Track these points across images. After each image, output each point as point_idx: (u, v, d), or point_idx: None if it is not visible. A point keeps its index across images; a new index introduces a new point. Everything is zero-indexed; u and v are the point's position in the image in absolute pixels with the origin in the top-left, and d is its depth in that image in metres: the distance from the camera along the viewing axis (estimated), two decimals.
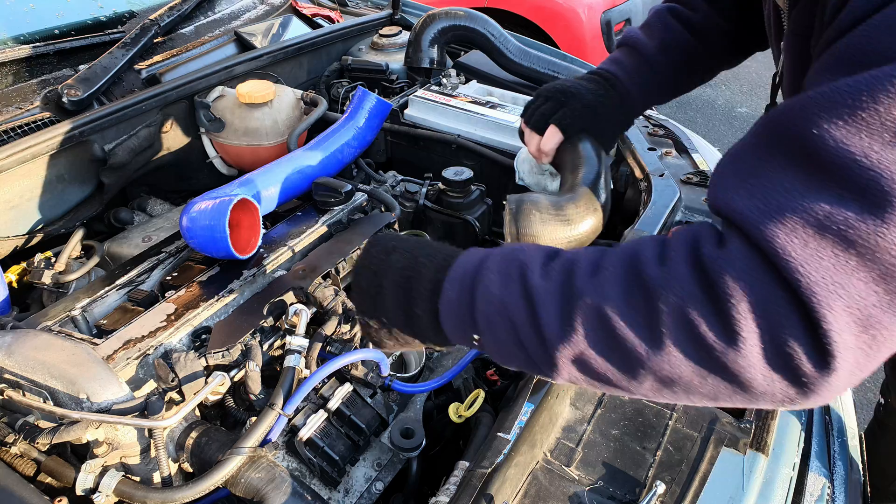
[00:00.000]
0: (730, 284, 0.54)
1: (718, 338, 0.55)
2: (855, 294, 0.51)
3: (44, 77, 1.48)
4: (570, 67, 1.81)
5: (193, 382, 0.92)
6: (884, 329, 0.52)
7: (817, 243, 0.51)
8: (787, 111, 0.56)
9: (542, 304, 0.62)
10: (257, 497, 0.83)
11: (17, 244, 1.32)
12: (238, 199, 1.10)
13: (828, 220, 0.51)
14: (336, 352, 1.06)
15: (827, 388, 0.54)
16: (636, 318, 0.58)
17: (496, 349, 0.68)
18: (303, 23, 2.06)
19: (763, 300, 0.53)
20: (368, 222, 1.30)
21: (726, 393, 0.58)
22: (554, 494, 0.86)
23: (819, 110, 0.52)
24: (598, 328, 0.60)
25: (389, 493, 1.03)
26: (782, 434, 0.98)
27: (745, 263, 0.54)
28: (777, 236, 0.52)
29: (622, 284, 0.60)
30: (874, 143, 0.49)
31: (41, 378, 0.86)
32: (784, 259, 0.52)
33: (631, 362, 0.59)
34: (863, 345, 0.52)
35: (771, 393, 0.55)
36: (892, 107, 0.49)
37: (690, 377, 0.58)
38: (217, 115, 1.60)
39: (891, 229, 0.49)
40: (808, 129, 0.53)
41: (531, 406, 0.95)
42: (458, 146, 1.61)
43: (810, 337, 0.52)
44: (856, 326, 0.51)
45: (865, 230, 0.49)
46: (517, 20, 3.93)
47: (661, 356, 0.57)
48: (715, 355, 0.55)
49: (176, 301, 1.05)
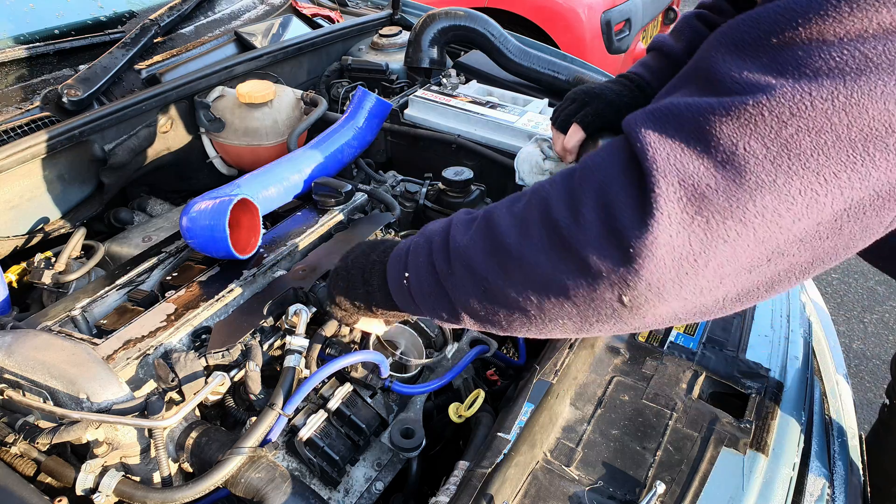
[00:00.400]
0: (588, 174, 0.62)
1: (563, 219, 0.61)
2: (692, 172, 0.54)
3: (44, 77, 1.48)
4: (570, 67, 1.81)
5: (193, 382, 0.92)
6: (717, 215, 0.54)
7: (673, 129, 0.56)
8: (702, 47, 0.62)
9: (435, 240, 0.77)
10: (257, 497, 0.83)
11: (17, 244, 1.32)
12: (238, 199, 1.10)
13: (687, 110, 0.56)
14: (336, 353, 1.06)
15: (648, 262, 0.56)
16: (511, 220, 0.68)
17: (417, 286, 0.79)
18: (303, 23, 2.06)
19: (609, 178, 0.59)
20: (368, 222, 1.29)
21: (571, 281, 0.62)
22: (554, 494, 0.86)
23: (716, 40, 0.59)
24: (485, 235, 0.70)
25: (389, 493, 1.03)
26: (782, 434, 0.98)
27: (608, 154, 0.62)
28: (638, 125, 0.58)
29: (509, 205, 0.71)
30: (750, 65, 0.54)
31: (41, 378, 0.86)
32: (638, 139, 0.57)
33: (501, 256, 0.67)
34: (693, 224, 0.55)
35: (603, 274, 0.59)
36: (772, 34, 0.53)
37: (546, 267, 0.63)
38: (217, 115, 1.60)
39: (738, 127, 0.52)
40: (707, 56, 0.59)
41: (531, 406, 0.95)
42: (458, 146, 1.61)
43: (640, 200, 0.56)
44: (686, 201, 0.54)
45: (720, 121, 0.53)
46: (517, 20, 3.93)
47: (526, 244, 0.65)
48: (562, 234, 0.61)
49: (176, 301, 1.05)
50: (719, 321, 1.21)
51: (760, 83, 0.53)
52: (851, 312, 3.07)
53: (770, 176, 0.52)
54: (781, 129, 0.51)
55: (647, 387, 1.04)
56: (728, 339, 1.16)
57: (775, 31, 0.53)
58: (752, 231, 0.54)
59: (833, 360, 1.37)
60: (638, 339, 1.15)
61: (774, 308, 1.27)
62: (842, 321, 3.01)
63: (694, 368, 1.08)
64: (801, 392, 1.08)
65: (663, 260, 0.56)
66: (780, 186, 0.52)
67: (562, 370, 1.01)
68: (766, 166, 0.52)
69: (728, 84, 0.55)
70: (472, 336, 1.22)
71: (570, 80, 1.79)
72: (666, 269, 0.56)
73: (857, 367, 2.76)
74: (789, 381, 1.08)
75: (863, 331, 2.96)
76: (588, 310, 0.63)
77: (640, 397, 1.02)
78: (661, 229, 0.55)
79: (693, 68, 0.62)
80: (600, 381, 1.05)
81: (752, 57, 0.55)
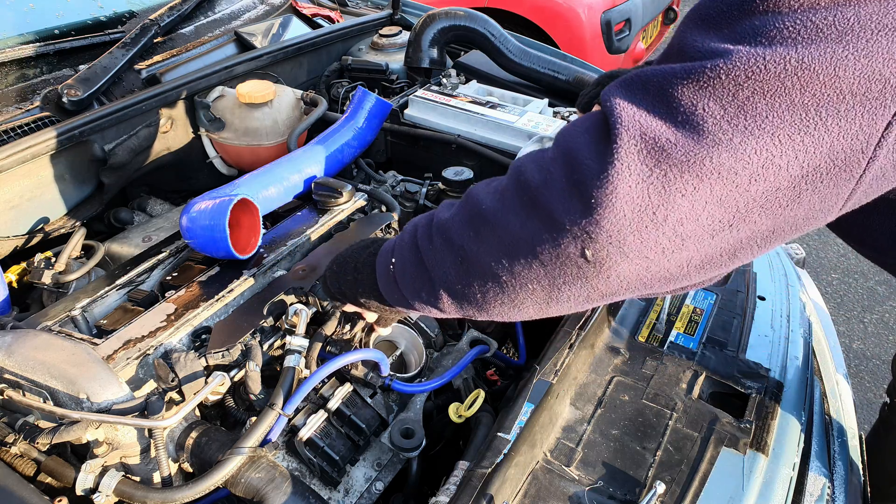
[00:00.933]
0: (559, 138, 0.66)
1: (533, 179, 0.64)
2: (653, 128, 0.57)
3: (44, 77, 1.48)
4: (570, 67, 1.81)
5: (193, 382, 0.92)
6: (674, 168, 0.56)
7: (641, 93, 0.59)
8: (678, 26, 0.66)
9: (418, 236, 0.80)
10: (257, 497, 0.83)
11: (17, 244, 1.32)
12: (238, 199, 1.10)
13: (653, 76, 0.59)
14: (336, 352, 1.06)
15: (608, 212, 0.58)
16: (488, 189, 0.72)
17: (401, 268, 0.82)
18: (303, 23, 2.06)
19: (577, 137, 0.62)
20: (368, 222, 1.29)
21: (538, 238, 0.64)
22: (554, 494, 0.86)
23: (686, 20, 0.63)
24: (464, 205, 0.74)
25: (389, 493, 1.03)
26: (782, 434, 0.98)
27: (581, 120, 0.65)
28: (611, 91, 0.62)
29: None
30: (714, 36, 0.58)
31: (41, 378, 0.86)
32: (608, 101, 0.61)
33: (476, 222, 0.70)
34: (651, 176, 0.57)
35: (566, 227, 0.61)
36: (734, 7, 0.57)
37: (516, 226, 0.66)
38: (217, 115, 1.60)
39: (694, 85, 0.55)
40: (681, 30, 0.63)
41: (531, 406, 0.95)
42: (458, 146, 1.61)
43: (602, 152, 0.59)
44: (646, 154, 0.57)
45: (677, 84, 0.57)
46: (517, 20, 3.93)
47: (500, 207, 0.68)
48: (531, 193, 0.64)
49: (176, 301, 1.05)
50: (719, 321, 1.21)
51: (719, 49, 0.56)
52: (851, 312, 3.07)
53: (727, 135, 0.54)
54: (738, 91, 0.54)
55: (647, 387, 1.04)
56: (728, 339, 1.16)
57: (736, 5, 0.57)
58: (708, 186, 0.55)
59: (833, 360, 1.37)
60: (638, 339, 1.15)
61: (774, 308, 1.27)
62: (842, 321, 3.01)
63: (694, 368, 1.08)
64: (801, 392, 1.08)
65: (623, 210, 0.58)
66: (737, 145, 0.54)
67: (562, 370, 1.01)
68: (723, 125, 0.54)
69: (691, 53, 0.59)
70: (472, 336, 1.22)
71: (570, 80, 1.79)
72: (626, 221, 0.58)
73: (857, 367, 2.76)
74: (789, 381, 1.08)
75: (863, 331, 2.96)
76: (554, 269, 0.64)
77: (640, 397, 1.02)
78: (620, 179, 0.57)
79: (669, 45, 0.65)
80: (600, 381, 1.05)
81: (715, 29, 0.58)
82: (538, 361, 1.04)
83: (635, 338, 1.15)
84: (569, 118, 1.61)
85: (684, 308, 1.24)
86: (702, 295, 1.28)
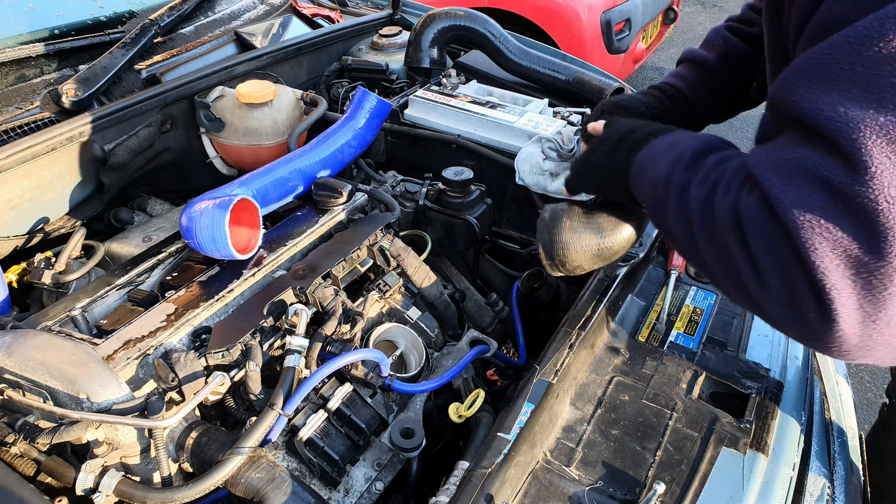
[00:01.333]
0: (745, 225, 0.64)
1: (749, 283, 0.65)
2: (840, 237, 0.56)
3: (44, 77, 1.48)
4: (570, 67, 1.81)
5: (193, 382, 0.92)
6: (876, 272, 0.55)
7: (809, 190, 0.58)
8: (775, 86, 0.64)
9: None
10: (257, 497, 0.83)
11: (17, 244, 1.32)
12: (238, 199, 1.10)
13: (817, 170, 0.57)
14: (336, 352, 1.06)
15: (840, 335, 0.59)
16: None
17: (649, 189, 0.81)
18: (303, 23, 2.06)
19: (770, 245, 0.61)
20: (368, 222, 1.29)
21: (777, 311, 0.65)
22: (554, 494, 0.86)
23: (795, 79, 0.60)
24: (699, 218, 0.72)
25: (389, 493, 1.03)
26: (782, 434, 0.98)
27: (754, 213, 0.63)
28: (775, 185, 0.61)
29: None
30: (843, 100, 0.55)
31: (41, 378, 0.86)
32: (778, 201, 0.60)
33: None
34: (861, 296, 0.57)
35: (796, 334, 0.65)
36: (856, 63, 0.55)
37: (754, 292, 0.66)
38: (217, 115, 1.60)
39: (865, 182, 0.53)
40: (789, 97, 0.61)
41: (531, 406, 0.95)
42: (458, 146, 1.60)
43: (809, 284, 0.59)
44: (845, 268, 0.56)
45: (846, 182, 0.55)
46: (517, 20, 3.93)
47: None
48: (750, 296, 0.66)
49: (176, 301, 1.05)
50: (719, 321, 1.21)
51: (862, 117, 0.54)
52: None
53: None
54: None
55: (647, 387, 1.04)
56: (728, 340, 1.16)
57: (858, 59, 0.55)
58: None
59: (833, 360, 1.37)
60: (638, 340, 1.15)
61: None
62: None
63: (694, 368, 1.08)
64: (801, 392, 1.08)
65: (851, 338, 0.60)
66: None
67: (562, 370, 1.01)
68: None
69: (828, 125, 0.56)
70: (472, 336, 1.22)
71: (571, 79, 1.79)
72: (855, 340, 0.60)
73: (857, 367, 2.76)
74: (789, 382, 1.08)
75: None
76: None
77: (640, 397, 1.02)
78: (843, 322, 0.58)
79: (781, 113, 0.64)
80: (600, 381, 1.05)
81: (841, 90, 0.56)
82: (538, 361, 1.04)
83: (635, 338, 1.15)
84: (569, 118, 1.61)
85: (684, 308, 1.24)
86: (702, 295, 1.28)
